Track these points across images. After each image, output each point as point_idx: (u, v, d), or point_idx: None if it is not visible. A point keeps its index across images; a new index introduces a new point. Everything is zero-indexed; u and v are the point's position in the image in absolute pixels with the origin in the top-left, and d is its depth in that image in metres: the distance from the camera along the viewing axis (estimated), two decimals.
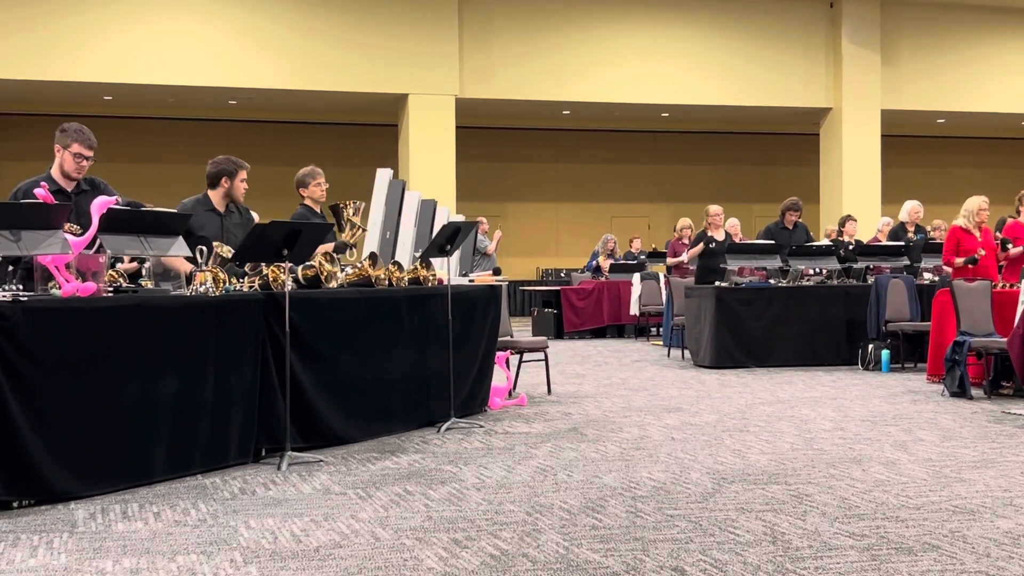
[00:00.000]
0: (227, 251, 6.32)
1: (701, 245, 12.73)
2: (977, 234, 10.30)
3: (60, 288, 5.44)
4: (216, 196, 7.19)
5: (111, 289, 5.79)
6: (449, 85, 18.97)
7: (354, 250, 7.87)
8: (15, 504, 5.11)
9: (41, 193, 5.66)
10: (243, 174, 7.23)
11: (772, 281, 11.91)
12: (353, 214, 7.76)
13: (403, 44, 18.65)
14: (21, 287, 5.36)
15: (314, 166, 8.22)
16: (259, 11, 18.07)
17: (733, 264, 11.74)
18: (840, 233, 13.28)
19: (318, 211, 7.94)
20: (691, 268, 14.50)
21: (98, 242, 5.63)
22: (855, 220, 13.39)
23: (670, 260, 15.10)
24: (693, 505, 5.12)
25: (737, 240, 13.12)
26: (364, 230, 8.31)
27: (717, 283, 11.76)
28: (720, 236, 12.74)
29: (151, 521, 4.91)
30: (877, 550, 4.30)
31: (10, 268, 5.65)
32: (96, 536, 4.64)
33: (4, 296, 5.15)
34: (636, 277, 16.19)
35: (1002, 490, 5.41)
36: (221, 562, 4.23)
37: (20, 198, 6.10)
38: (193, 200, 7.16)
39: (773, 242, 12.10)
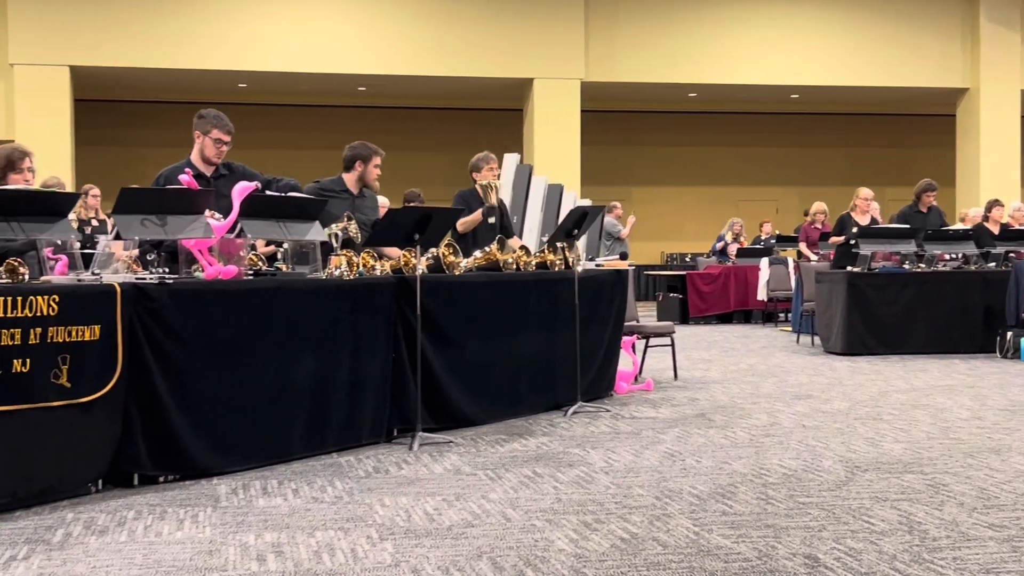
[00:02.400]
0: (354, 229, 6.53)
1: (843, 237, 12.38)
2: None
3: (203, 271, 5.63)
4: (350, 179, 7.38)
5: (251, 272, 5.96)
6: (575, 69, 18.97)
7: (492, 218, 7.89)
8: (161, 479, 5.32)
9: (185, 179, 5.86)
10: (377, 160, 7.39)
11: (906, 266, 11.63)
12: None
13: (529, 29, 18.72)
14: (167, 270, 5.55)
15: (488, 152, 8.32)
16: (384, 1, 18.32)
17: (866, 249, 11.49)
18: (986, 218, 12.82)
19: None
20: (819, 254, 14.27)
21: (239, 226, 5.81)
22: (1002, 205, 12.90)
23: (802, 249, 14.84)
24: (826, 493, 5.07)
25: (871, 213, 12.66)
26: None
27: (849, 268, 11.53)
28: (866, 221, 12.36)
29: (290, 497, 5.06)
30: (1018, 541, 4.21)
31: (154, 252, 5.85)
32: (238, 511, 4.80)
33: (151, 278, 5.36)
34: (764, 262, 15.98)
35: None
36: (358, 538, 4.34)
37: (163, 183, 6.32)
38: (329, 180, 7.37)
39: (908, 226, 11.81)
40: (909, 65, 20.17)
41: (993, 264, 11.75)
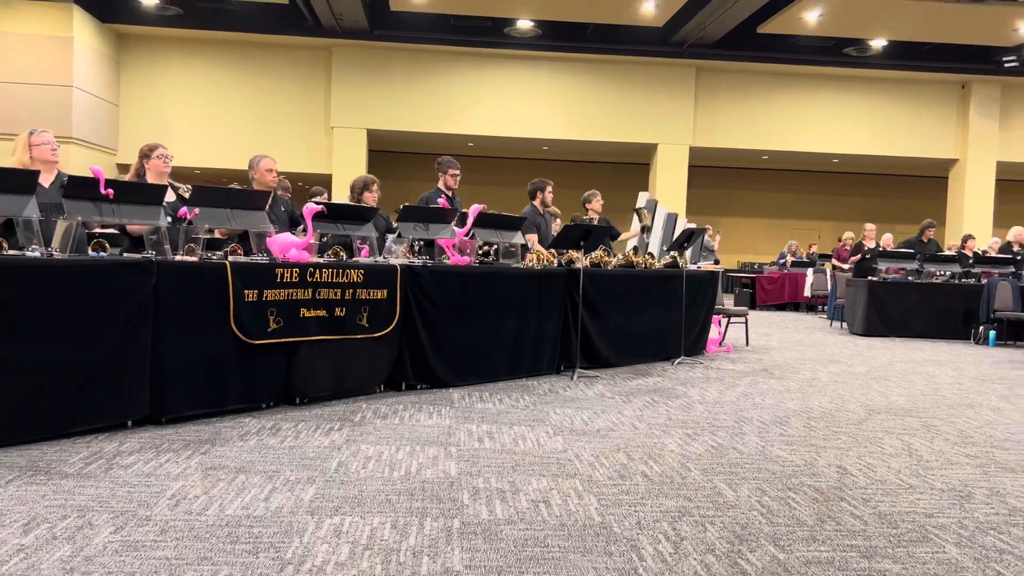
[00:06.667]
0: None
1: (859, 256, 11.89)
2: None
3: (449, 259, 5.79)
4: (536, 203, 7.43)
5: (477, 262, 6.08)
6: (686, 138, 18.55)
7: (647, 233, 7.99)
8: (418, 387, 5.50)
9: (442, 201, 6.04)
10: (549, 188, 7.45)
11: (910, 278, 11.02)
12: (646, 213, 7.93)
13: (655, 110, 18.38)
14: (427, 257, 5.72)
15: (596, 190, 8.28)
16: (560, 88, 18.28)
17: (882, 264, 10.97)
18: (963, 247, 12.09)
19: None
20: (847, 266, 13.64)
21: (472, 232, 5.94)
22: (975, 239, 12.19)
23: (835, 263, 14.24)
24: (851, 426, 4.88)
25: (883, 245, 12.14)
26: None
27: (870, 277, 11.02)
28: (871, 245, 11.88)
29: (496, 404, 5.16)
30: (987, 468, 3.98)
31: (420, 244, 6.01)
32: (465, 410, 4.93)
33: (418, 262, 5.54)
34: (810, 271, 15.41)
35: None
36: (540, 433, 4.41)
37: (425, 200, 6.53)
38: (531, 206, 7.45)
39: (912, 251, 11.20)
40: (917, 140, 18.95)
41: (972, 280, 11.03)
